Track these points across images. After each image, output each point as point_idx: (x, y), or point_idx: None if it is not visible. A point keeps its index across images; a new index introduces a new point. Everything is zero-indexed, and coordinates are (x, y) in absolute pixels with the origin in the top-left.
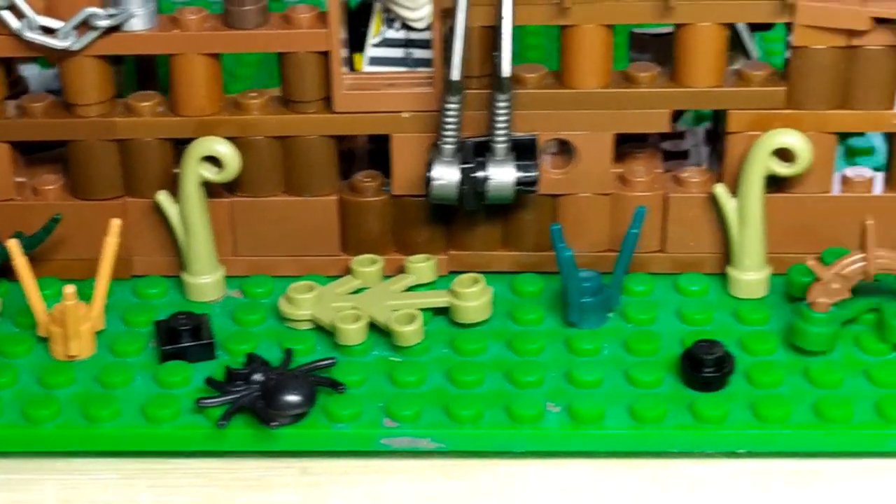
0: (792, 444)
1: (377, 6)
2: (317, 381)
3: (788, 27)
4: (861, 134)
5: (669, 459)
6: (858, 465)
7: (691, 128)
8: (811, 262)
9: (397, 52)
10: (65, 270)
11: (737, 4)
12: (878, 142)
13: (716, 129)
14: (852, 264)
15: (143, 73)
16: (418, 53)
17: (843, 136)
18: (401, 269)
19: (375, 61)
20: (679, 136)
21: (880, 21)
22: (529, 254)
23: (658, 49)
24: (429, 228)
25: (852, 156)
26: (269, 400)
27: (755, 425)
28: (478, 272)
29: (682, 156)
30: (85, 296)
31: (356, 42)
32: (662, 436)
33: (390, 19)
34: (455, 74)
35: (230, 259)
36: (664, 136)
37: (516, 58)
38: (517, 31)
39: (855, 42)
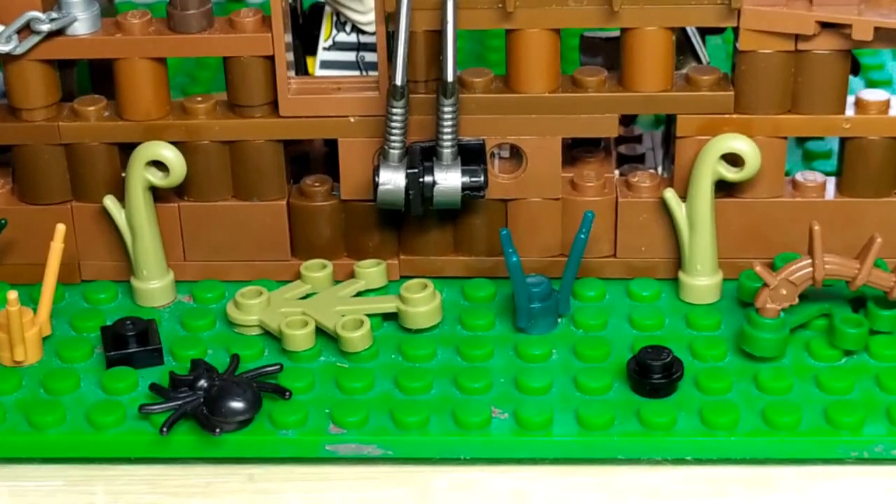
0: (740, 451)
1: (328, 10)
2: (262, 387)
3: (735, 31)
4: (820, 137)
5: (617, 466)
6: (807, 472)
7: (648, 131)
8: (758, 268)
9: (349, 56)
10: (14, 275)
11: (681, 8)
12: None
13: (669, 133)
14: (800, 270)
15: (98, 75)
16: (370, 57)
17: (802, 140)
18: (352, 274)
19: (327, 65)
20: (636, 139)
21: (826, 25)
22: (481, 258)
23: (609, 52)
24: (379, 233)
25: (810, 159)
26: (212, 406)
27: (703, 432)
28: (429, 277)
29: (639, 159)
30: (34, 301)
31: (310, 45)
32: (609, 443)
33: (341, 22)
34: (398, 79)
35: (180, 264)
36: (620, 140)
37: (477, 60)
38: (477, 33)
39: (802, 46)
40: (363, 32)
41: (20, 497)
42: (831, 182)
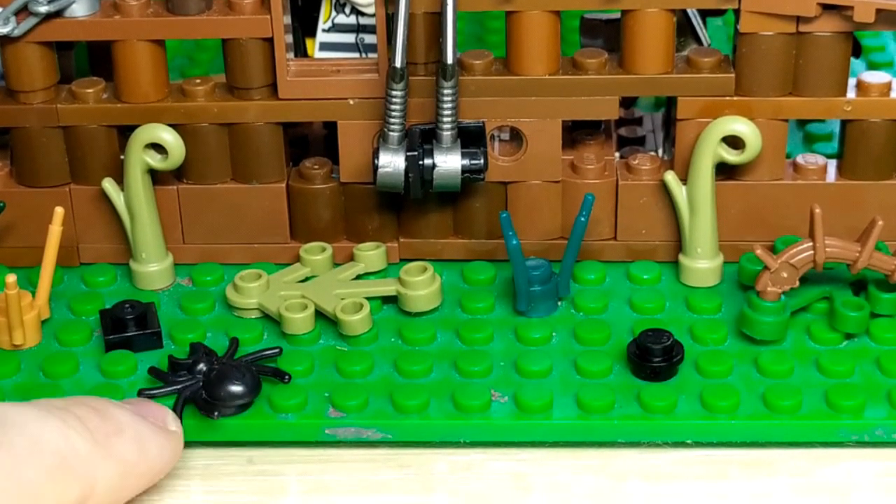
0: (740, 434)
1: None
2: (261, 370)
3: (736, 13)
4: (821, 120)
5: (617, 449)
6: (807, 455)
7: (649, 113)
8: (758, 251)
9: (348, 38)
10: (13, 258)
11: None
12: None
13: (669, 115)
14: (801, 253)
15: (97, 57)
16: (369, 39)
17: (803, 122)
18: (351, 257)
19: (326, 47)
20: (636, 121)
21: (828, 7)
22: (481, 241)
23: (610, 35)
24: (379, 216)
25: (811, 142)
26: (211, 390)
27: (703, 415)
28: (429, 260)
29: (639, 142)
30: (32, 284)
31: (309, 27)
32: (609, 426)
33: (340, 4)
34: (398, 61)
35: (179, 247)
36: (621, 123)
37: (477, 42)
38: (477, 15)
39: (803, 28)
40: (362, 14)
41: None
42: (832, 165)
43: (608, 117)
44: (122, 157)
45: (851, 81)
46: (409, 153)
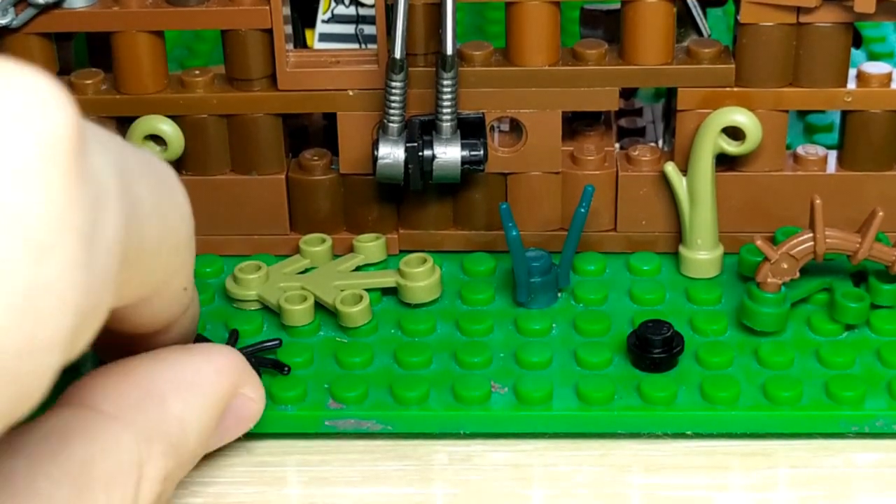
0: (740, 425)
1: None
2: (261, 362)
3: (736, 4)
4: (821, 111)
5: (617, 440)
6: (807, 446)
7: (649, 104)
8: (759, 242)
9: (348, 29)
10: None
11: None
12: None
13: (669, 106)
14: (801, 244)
15: (96, 48)
16: (369, 30)
17: (803, 113)
18: (351, 249)
19: (325, 37)
20: (636, 112)
21: None
22: (481, 233)
23: (610, 25)
24: (378, 207)
25: (811, 132)
26: None
27: (703, 406)
28: (429, 251)
29: (639, 133)
30: None
31: (308, 18)
32: (609, 417)
33: None
34: (397, 52)
35: None
36: (621, 113)
37: (476, 33)
38: (477, 6)
39: (804, 19)
40: (362, 5)
41: None
42: (832, 155)
43: (608, 108)
44: None
45: (852, 72)
46: (408, 144)
